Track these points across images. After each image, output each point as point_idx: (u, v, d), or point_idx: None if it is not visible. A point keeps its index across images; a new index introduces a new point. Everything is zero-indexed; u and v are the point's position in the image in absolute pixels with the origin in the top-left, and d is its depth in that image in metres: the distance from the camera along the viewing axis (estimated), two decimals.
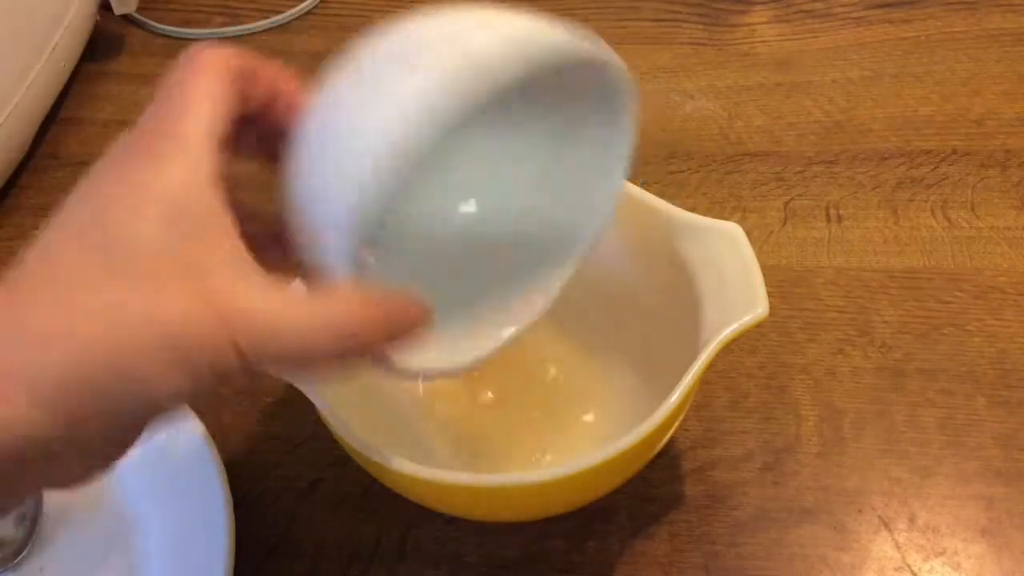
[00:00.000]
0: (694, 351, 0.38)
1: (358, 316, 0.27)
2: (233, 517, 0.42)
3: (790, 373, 0.50)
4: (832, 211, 0.57)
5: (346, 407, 0.39)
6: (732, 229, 0.41)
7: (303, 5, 0.72)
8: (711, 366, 0.38)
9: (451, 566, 0.44)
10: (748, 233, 0.41)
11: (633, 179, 0.45)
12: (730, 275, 0.40)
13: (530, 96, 0.34)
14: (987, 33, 0.66)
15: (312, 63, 0.72)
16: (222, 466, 0.44)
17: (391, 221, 0.36)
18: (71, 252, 0.25)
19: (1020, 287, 0.52)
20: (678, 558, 0.44)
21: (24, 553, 0.44)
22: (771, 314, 0.39)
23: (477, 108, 0.27)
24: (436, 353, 0.34)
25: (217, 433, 0.48)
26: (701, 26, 0.69)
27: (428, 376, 0.42)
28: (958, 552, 0.43)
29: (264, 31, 0.71)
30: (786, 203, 0.57)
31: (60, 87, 0.65)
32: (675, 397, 0.37)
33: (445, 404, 0.48)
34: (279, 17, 0.72)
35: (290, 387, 0.39)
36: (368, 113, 0.28)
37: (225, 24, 0.72)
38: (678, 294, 0.42)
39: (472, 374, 0.48)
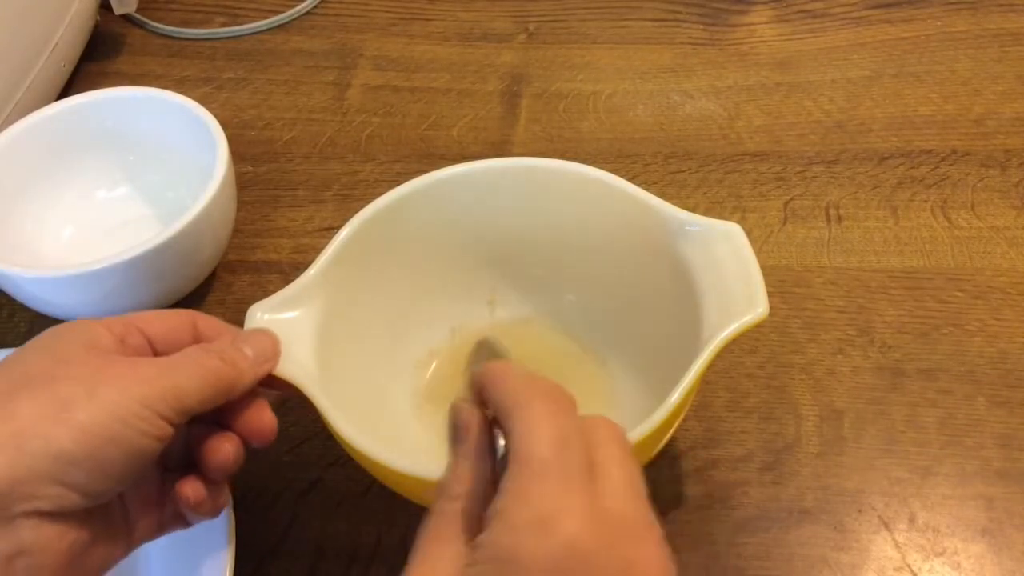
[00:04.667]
0: (694, 351, 0.38)
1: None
2: (233, 517, 0.42)
3: (790, 373, 0.50)
4: (832, 211, 0.57)
5: (346, 407, 0.39)
6: (732, 229, 0.41)
7: (303, 5, 0.72)
8: (711, 366, 0.38)
9: None
10: (748, 233, 0.41)
11: (632, 179, 0.45)
12: (730, 275, 0.40)
13: None
14: (987, 33, 0.66)
15: (312, 63, 0.72)
16: None
17: None
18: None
19: (1020, 287, 0.52)
20: (678, 558, 0.43)
21: None
22: (771, 314, 0.39)
23: None
24: None
25: None
26: (701, 26, 0.69)
27: None
28: (958, 552, 0.43)
29: (264, 31, 0.71)
30: (786, 203, 0.57)
31: (60, 87, 0.65)
32: (675, 397, 0.37)
33: (443, 404, 0.48)
34: (279, 17, 0.72)
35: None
36: None
37: (225, 24, 0.72)
38: (678, 294, 0.42)
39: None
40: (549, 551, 0.27)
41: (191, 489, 0.36)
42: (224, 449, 0.36)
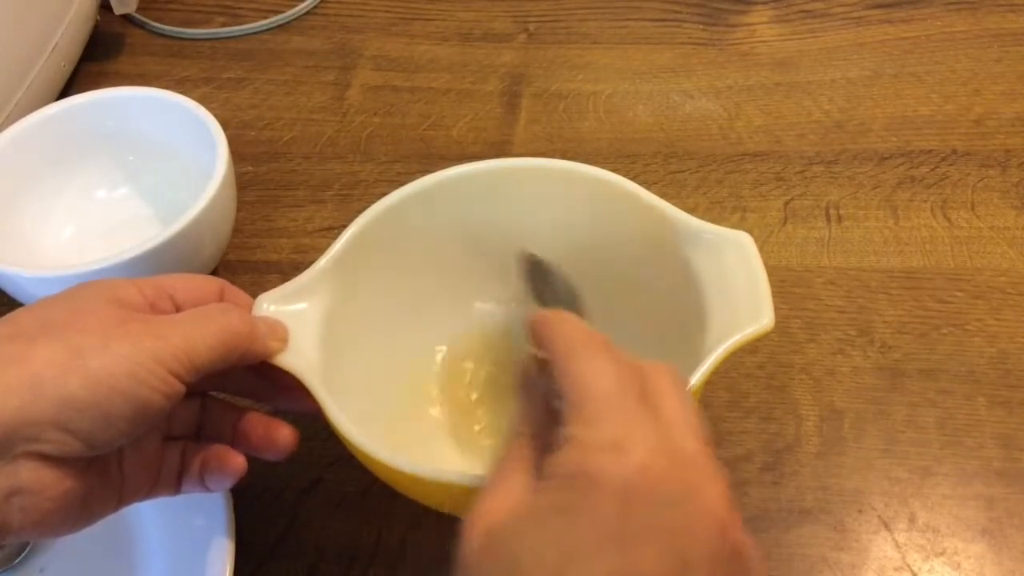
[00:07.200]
0: (697, 358, 0.38)
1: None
2: (233, 517, 0.42)
3: (790, 373, 0.50)
4: (832, 211, 0.57)
5: (349, 405, 0.39)
6: (742, 238, 0.41)
7: (303, 5, 0.72)
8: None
9: (451, 566, 0.44)
10: (748, 233, 0.41)
11: (633, 179, 0.45)
12: (738, 285, 0.40)
13: None
14: (987, 33, 0.66)
15: (312, 63, 0.72)
16: None
17: None
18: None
19: (1020, 287, 0.52)
20: None
21: (24, 553, 0.44)
22: None
23: None
24: None
25: None
26: (701, 26, 0.69)
27: None
28: (958, 552, 0.43)
29: (264, 31, 0.71)
30: (786, 203, 0.57)
31: (60, 87, 0.65)
32: None
33: (444, 404, 0.48)
34: (279, 17, 0.72)
35: None
36: None
37: (225, 24, 0.72)
38: (684, 300, 0.42)
39: (470, 375, 0.48)
40: (622, 471, 0.28)
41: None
42: (233, 464, 0.39)
